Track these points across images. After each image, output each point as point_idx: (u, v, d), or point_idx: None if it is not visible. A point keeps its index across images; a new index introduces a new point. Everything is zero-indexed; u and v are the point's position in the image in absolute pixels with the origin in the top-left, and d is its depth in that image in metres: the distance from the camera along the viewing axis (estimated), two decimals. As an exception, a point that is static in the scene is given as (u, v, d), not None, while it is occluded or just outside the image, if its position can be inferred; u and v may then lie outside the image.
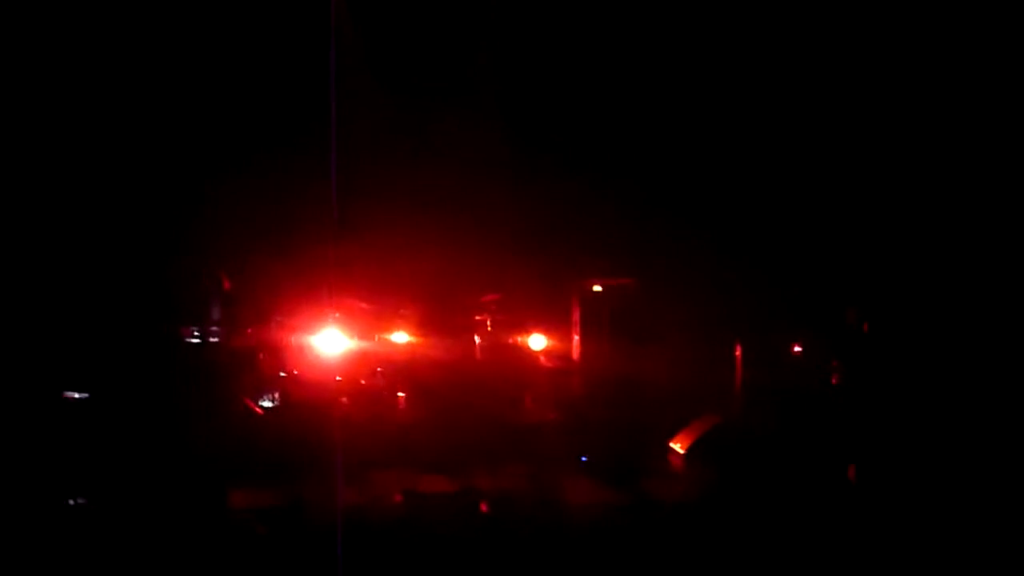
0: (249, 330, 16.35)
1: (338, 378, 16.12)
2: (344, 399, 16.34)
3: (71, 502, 12.84)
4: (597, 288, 16.55)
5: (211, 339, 16.03)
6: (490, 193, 17.70)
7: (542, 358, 17.16)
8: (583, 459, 15.16)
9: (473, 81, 17.61)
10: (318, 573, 10.92)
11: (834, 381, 15.98)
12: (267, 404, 16.25)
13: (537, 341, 17.41)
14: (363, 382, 16.99)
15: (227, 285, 16.59)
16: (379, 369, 17.13)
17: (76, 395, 14.39)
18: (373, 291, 17.21)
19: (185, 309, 16.17)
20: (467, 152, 17.83)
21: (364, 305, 17.14)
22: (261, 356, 16.42)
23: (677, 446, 15.76)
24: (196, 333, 15.96)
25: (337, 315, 16.85)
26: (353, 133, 17.33)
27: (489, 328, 17.30)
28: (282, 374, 16.21)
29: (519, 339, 17.45)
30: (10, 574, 11.18)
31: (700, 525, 11.87)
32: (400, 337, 17.09)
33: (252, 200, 17.14)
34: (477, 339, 17.03)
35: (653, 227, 17.37)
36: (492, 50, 17.58)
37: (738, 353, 16.37)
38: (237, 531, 11.74)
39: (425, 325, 16.76)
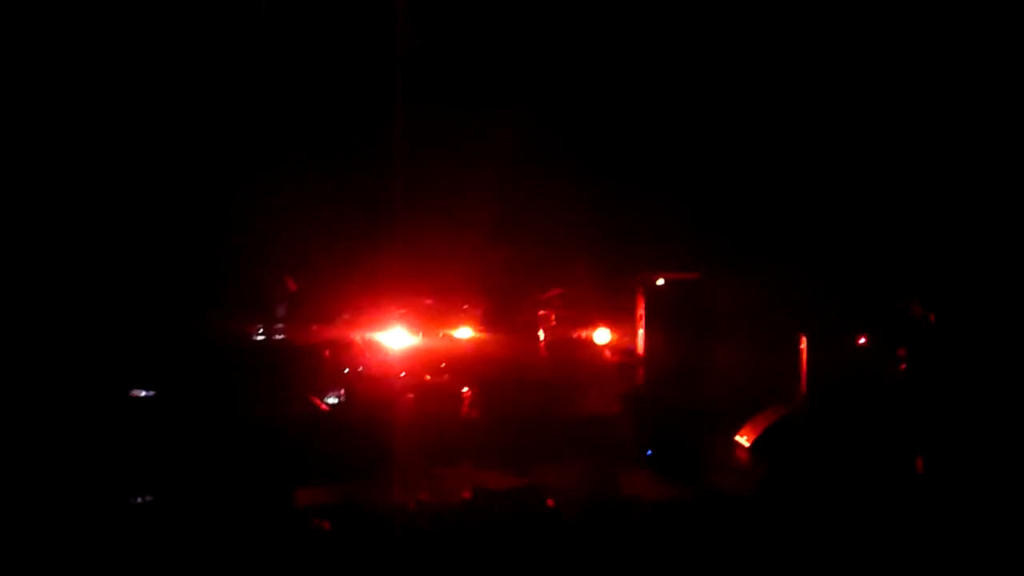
0: (314, 327, 16.42)
1: (403, 374, 16.29)
2: (409, 395, 16.47)
3: (137, 500, 12.74)
4: (661, 282, 16.37)
5: (276, 337, 16.21)
6: (554, 187, 18.11)
7: (607, 352, 17.22)
8: (648, 453, 15.07)
9: (533, 75, 17.90)
10: (384, 571, 11.11)
11: (901, 373, 15.87)
12: (332, 401, 16.26)
13: (602, 335, 17.46)
14: (428, 378, 17.02)
15: (293, 286, 16.84)
16: (444, 365, 17.17)
17: (142, 393, 14.56)
18: (437, 288, 17.53)
19: (251, 308, 16.44)
20: (530, 146, 18.17)
21: (428, 301, 17.34)
22: (326, 353, 16.44)
23: (743, 439, 15.76)
24: (261, 331, 16.14)
25: (402, 312, 17.18)
26: (416, 131, 17.83)
27: (553, 323, 17.31)
28: (347, 371, 16.27)
29: (583, 333, 17.47)
30: (76, 570, 11.06)
31: (766, 521, 11.75)
32: (464, 333, 17.17)
33: (317, 201, 17.65)
34: (541, 334, 17.02)
35: (717, 220, 17.76)
36: (552, 45, 17.88)
37: (803, 345, 16.15)
38: (302, 529, 11.76)
39: (489, 320, 16.88)
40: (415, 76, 17.70)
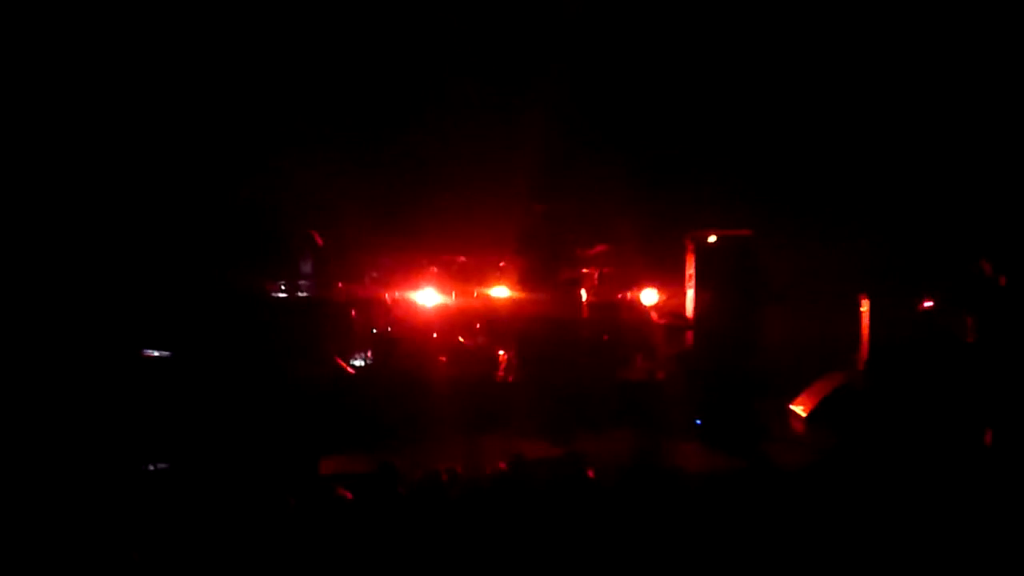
0: (340, 285, 16.02)
1: (435, 335, 15.93)
2: (441, 358, 16.22)
3: (151, 467, 12.36)
4: (713, 239, 15.75)
5: (299, 294, 15.62)
6: (598, 137, 17.88)
7: (653, 314, 16.75)
8: (697, 422, 14.76)
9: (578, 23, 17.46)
10: (412, 546, 10.43)
11: (969, 339, 15.02)
12: (359, 363, 16.03)
13: (649, 296, 17.03)
14: (461, 340, 16.80)
15: (319, 240, 16.26)
16: (478, 326, 16.93)
17: (156, 353, 13.94)
18: (472, 244, 17.24)
19: (273, 263, 15.67)
20: (573, 95, 17.72)
21: (462, 259, 17.02)
22: (352, 313, 16.18)
23: (799, 408, 15.49)
24: (283, 288, 15.59)
25: (434, 269, 16.86)
26: (452, 80, 17.74)
27: (596, 282, 16.86)
28: (375, 332, 15.94)
29: (628, 294, 17.06)
30: (86, 541, 10.53)
31: (822, 497, 11.28)
32: (501, 292, 16.74)
33: (346, 152, 17.31)
34: (583, 294, 16.43)
35: (774, 172, 17.37)
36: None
37: (864, 309, 15.68)
38: (325, 499, 11.39)
39: (527, 279, 16.13)
40: (449, 26, 17.53)
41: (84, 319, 13.72)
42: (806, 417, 15.24)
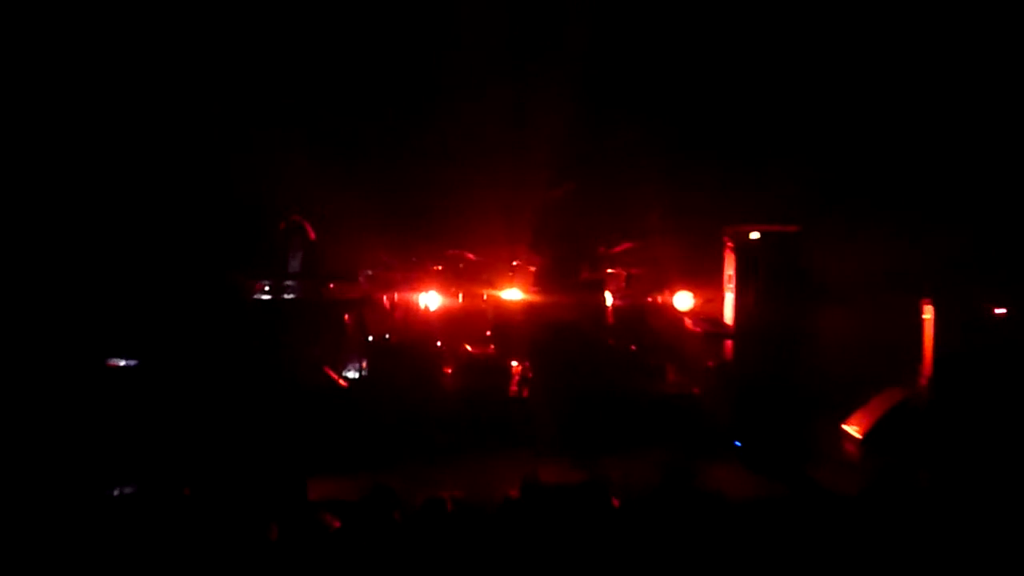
0: (332, 285, 15.46)
1: (439, 343, 15.31)
2: (446, 369, 15.66)
3: (115, 492, 11.41)
4: (755, 236, 15.21)
5: (286, 295, 15.14)
6: (625, 114, 17.50)
7: (688, 320, 16.19)
8: (736, 444, 14.02)
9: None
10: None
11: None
12: (352, 375, 15.43)
13: (683, 300, 16.50)
14: (469, 348, 16.18)
15: (312, 234, 15.76)
16: (489, 333, 16.42)
17: (122, 362, 13.48)
18: (482, 240, 16.86)
19: (258, 260, 15.51)
20: (597, 75, 17.53)
21: (471, 256, 16.52)
22: (346, 317, 15.60)
23: (853, 429, 14.64)
24: (267, 288, 15.06)
25: (438, 269, 16.41)
26: (460, 56, 17.40)
27: (623, 284, 16.34)
28: (371, 339, 15.27)
29: (659, 297, 16.57)
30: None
31: (876, 530, 10.56)
32: (514, 294, 16.28)
33: (340, 135, 17.36)
34: (608, 297, 15.91)
35: (824, 160, 16.67)
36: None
37: (928, 315, 14.81)
38: (311, 529, 10.73)
39: (544, 280, 15.70)
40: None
41: (37, 323, 13.42)
42: (861, 439, 14.41)
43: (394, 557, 9.63)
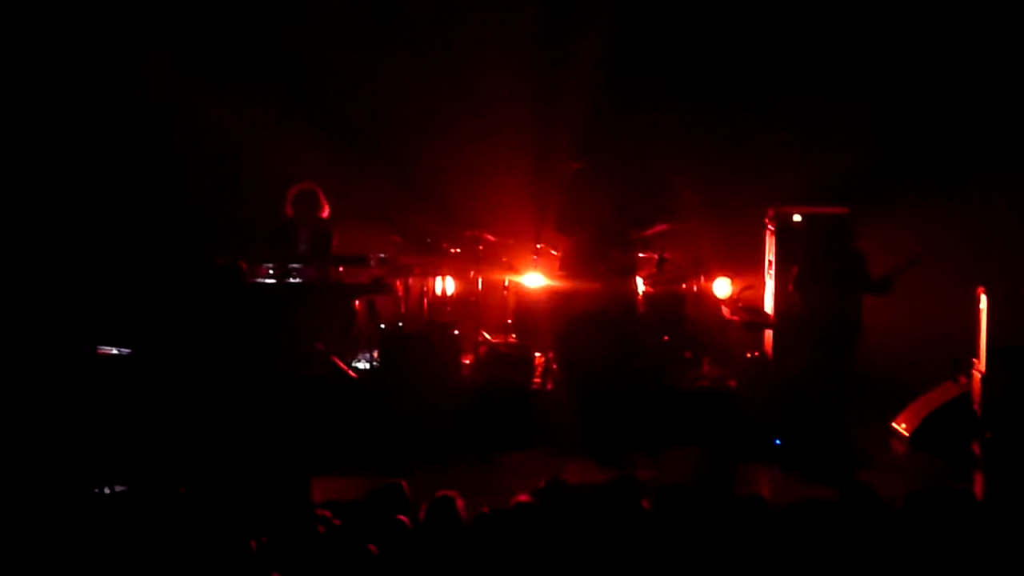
0: (341, 268, 15.08)
1: (456, 332, 14.99)
2: (464, 359, 15.56)
3: (104, 490, 11.59)
4: (798, 218, 15.00)
5: (291, 279, 14.79)
6: (658, 81, 17.44)
7: (725, 309, 15.97)
8: (776, 442, 13.88)
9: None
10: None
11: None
12: (363, 365, 15.32)
13: (721, 286, 16.26)
14: (488, 337, 16.12)
15: (325, 210, 15.42)
16: (510, 321, 16.27)
17: (114, 351, 13.11)
18: (502, 219, 16.68)
19: (261, 241, 15.39)
20: (630, 36, 17.44)
21: (490, 238, 16.18)
22: (357, 303, 15.39)
23: (901, 427, 14.53)
24: (272, 272, 14.69)
25: (456, 251, 16.16)
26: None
27: (655, 269, 16.03)
28: (383, 327, 15.10)
29: (695, 284, 16.37)
30: None
31: (924, 538, 10.42)
32: (536, 280, 16.02)
33: (348, 101, 17.31)
34: (640, 283, 15.61)
35: (874, 135, 16.69)
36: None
37: (982, 303, 14.40)
38: (314, 532, 10.64)
39: (570, 265, 15.35)
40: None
41: (23, 312, 13.13)
42: (909, 437, 14.35)
43: (401, 559, 9.64)
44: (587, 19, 17.21)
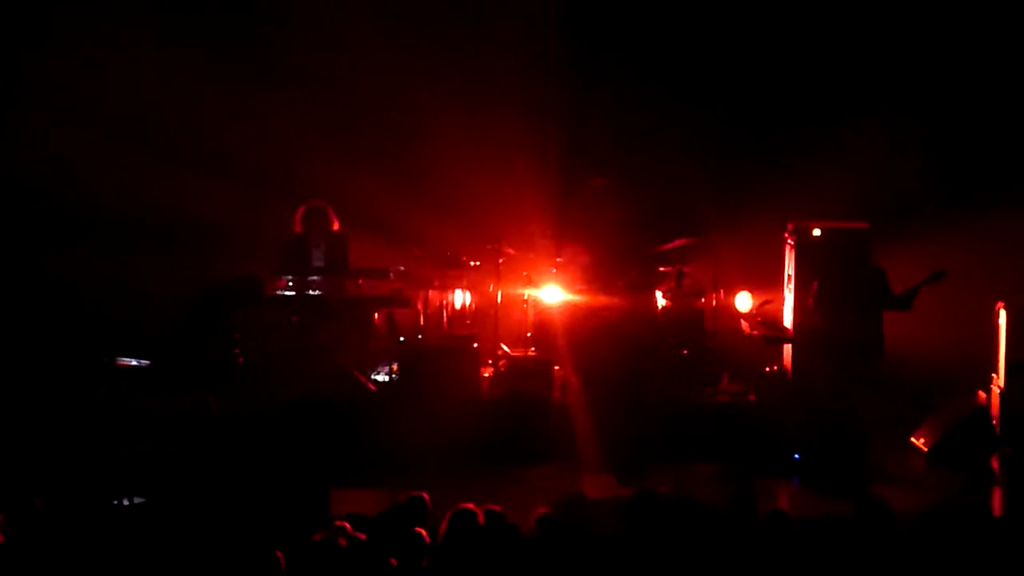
0: (360, 281, 15.16)
1: (475, 345, 15.06)
2: (483, 372, 15.54)
3: (123, 502, 11.70)
4: (818, 233, 14.72)
5: (311, 291, 14.97)
6: (677, 93, 17.46)
7: (744, 323, 15.75)
8: (795, 456, 13.91)
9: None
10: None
11: None
12: (381, 378, 15.30)
13: (742, 301, 16.19)
14: (507, 350, 16.05)
15: (335, 224, 15.50)
16: (529, 335, 16.26)
17: (133, 362, 13.50)
18: (521, 232, 16.66)
19: (278, 254, 15.47)
20: (652, 49, 17.58)
21: (510, 251, 16.13)
22: (375, 316, 15.52)
23: (920, 442, 14.64)
24: (290, 284, 14.86)
25: (475, 264, 16.13)
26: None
27: (675, 283, 16.07)
28: (402, 340, 15.23)
29: (714, 298, 16.39)
30: None
31: (945, 555, 10.43)
32: (556, 293, 15.96)
33: (362, 114, 17.54)
34: (660, 297, 15.76)
35: (895, 150, 16.80)
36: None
37: (1002, 319, 14.56)
38: (332, 546, 10.70)
39: (589, 278, 15.51)
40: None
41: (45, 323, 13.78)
42: (927, 453, 14.43)
43: (422, 572, 9.66)
44: (611, 36, 17.34)
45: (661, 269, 16.04)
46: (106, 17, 16.72)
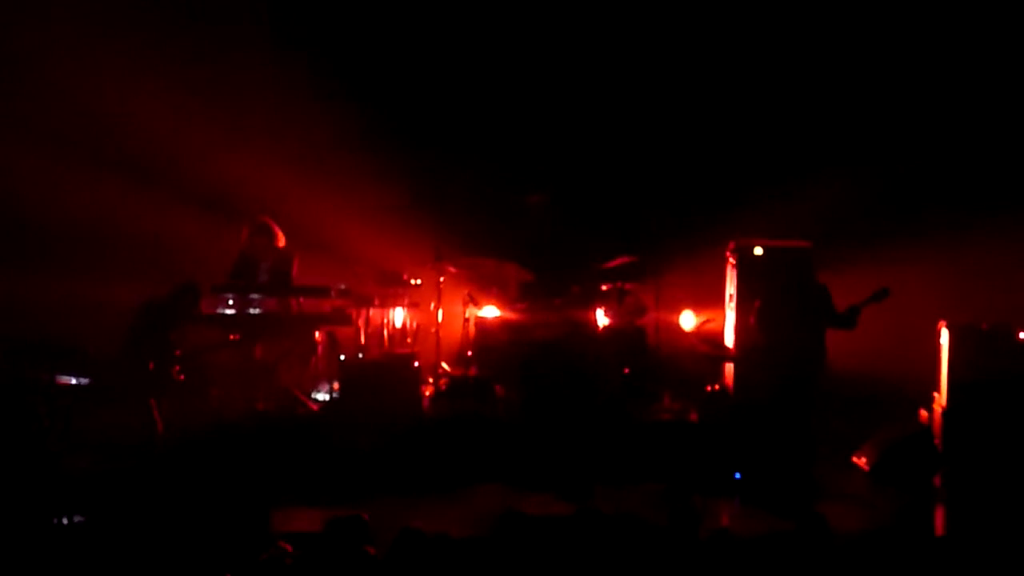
0: (301, 299, 15.23)
1: (416, 363, 14.95)
2: (425, 390, 15.54)
3: (62, 520, 11.42)
4: (759, 251, 15.01)
5: (252, 310, 14.90)
6: (619, 111, 17.63)
7: (686, 341, 16.16)
8: (736, 476, 13.93)
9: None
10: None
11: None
12: (322, 396, 15.30)
13: (687, 319, 16.38)
14: (448, 369, 16.18)
15: (280, 240, 15.55)
16: (470, 353, 16.20)
17: (72, 380, 13.33)
18: (462, 249, 16.62)
19: (222, 269, 15.46)
20: (596, 69, 17.73)
21: (453, 270, 16.21)
22: (316, 334, 15.41)
23: (862, 461, 14.61)
24: (231, 302, 14.81)
25: (416, 282, 16.12)
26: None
27: (617, 301, 16.07)
28: (343, 358, 15.06)
29: (657, 316, 16.43)
30: None
31: (887, 571, 10.55)
32: (496, 312, 16.06)
33: (312, 123, 17.54)
34: (601, 315, 15.74)
35: (840, 167, 16.88)
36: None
37: (944, 338, 14.74)
38: (273, 564, 10.67)
39: (532, 296, 15.64)
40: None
41: None
42: (869, 471, 14.41)
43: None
44: (554, 62, 17.57)
45: (603, 287, 16.06)
46: None
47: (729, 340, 15.35)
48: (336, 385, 15.02)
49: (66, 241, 16.55)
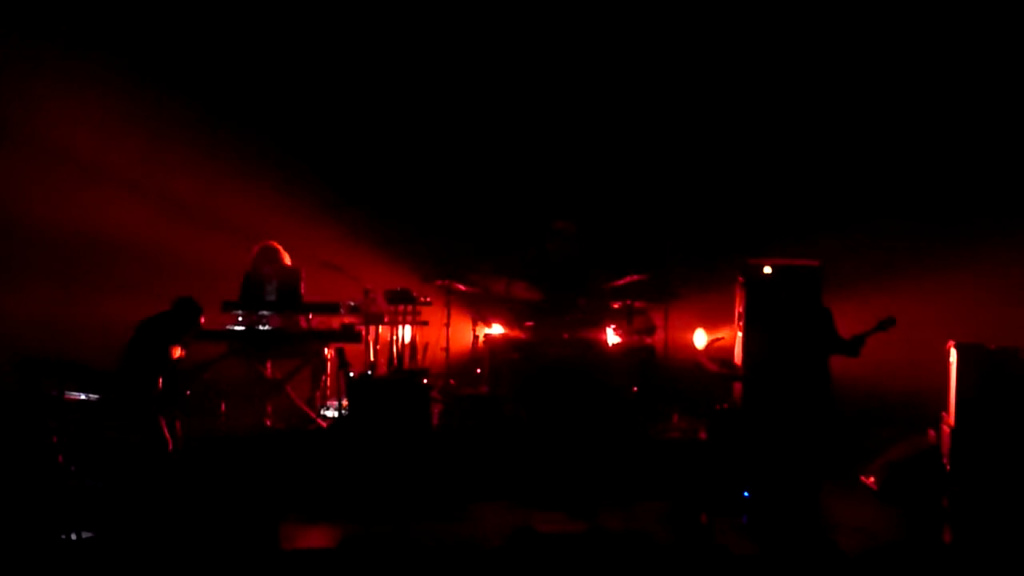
0: (311, 316, 15.38)
1: (425, 381, 14.88)
2: (434, 409, 15.35)
3: (71, 536, 11.70)
4: (768, 270, 14.80)
5: (261, 327, 15.11)
6: (628, 130, 17.64)
7: (697, 359, 15.92)
8: (745, 494, 13.92)
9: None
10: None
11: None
12: (331, 414, 15.47)
13: (699, 338, 16.32)
14: (458, 387, 16.18)
15: (286, 259, 15.78)
16: (479, 371, 16.33)
17: (82, 396, 13.35)
18: (472, 267, 16.55)
19: (226, 288, 15.54)
20: (608, 85, 17.72)
21: (462, 287, 16.20)
22: (326, 352, 15.58)
23: (870, 480, 14.72)
24: (240, 320, 15.05)
25: (426, 300, 16.17)
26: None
27: (627, 320, 15.98)
28: (352, 375, 14.83)
29: (667, 335, 16.46)
30: None
31: None
32: (506, 330, 16.02)
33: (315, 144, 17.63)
34: (611, 333, 15.71)
35: (853, 187, 17.08)
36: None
37: (953, 358, 14.76)
38: None
39: (542, 314, 15.59)
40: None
41: None
42: (877, 491, 14.48)
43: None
44: (561, 78, 17.63)
45: (613, 305, 16.01)
46: None
47: (739, 359, 15.22)
48: (345, 402, 15.04)
49: (74, 258, 16.69)
